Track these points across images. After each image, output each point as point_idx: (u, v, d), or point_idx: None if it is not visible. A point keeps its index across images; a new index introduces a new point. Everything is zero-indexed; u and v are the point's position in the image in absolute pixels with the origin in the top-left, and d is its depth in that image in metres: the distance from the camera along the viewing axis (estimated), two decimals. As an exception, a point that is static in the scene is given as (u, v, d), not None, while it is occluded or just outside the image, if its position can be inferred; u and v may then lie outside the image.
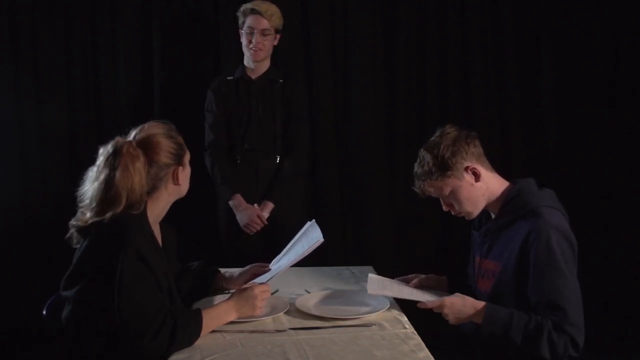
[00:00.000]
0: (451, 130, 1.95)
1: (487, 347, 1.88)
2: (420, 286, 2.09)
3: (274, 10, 3.03)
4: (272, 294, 2.09)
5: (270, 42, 3.04)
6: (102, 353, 1.69)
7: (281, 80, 3.10)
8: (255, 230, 2.99)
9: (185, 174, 1.89)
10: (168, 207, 1.91)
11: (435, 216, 3.64)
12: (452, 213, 2.00)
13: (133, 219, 1.70)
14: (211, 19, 3.46)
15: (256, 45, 2.99)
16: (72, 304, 1.71)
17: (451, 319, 1.84)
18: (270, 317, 1.88)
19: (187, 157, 1.90)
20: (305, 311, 1.92)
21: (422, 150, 1.97)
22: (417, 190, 1.99)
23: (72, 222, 1.75)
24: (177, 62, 3.46)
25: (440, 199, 2.00)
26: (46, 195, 3.42)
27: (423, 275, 2.13)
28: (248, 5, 3.03)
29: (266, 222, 2.98)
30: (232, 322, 1.80)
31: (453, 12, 3.58)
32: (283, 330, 1.79)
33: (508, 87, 3.61)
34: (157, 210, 1.85)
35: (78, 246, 1.74)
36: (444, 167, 1.91)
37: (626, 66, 3.56)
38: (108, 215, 1.69)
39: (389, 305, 1.96)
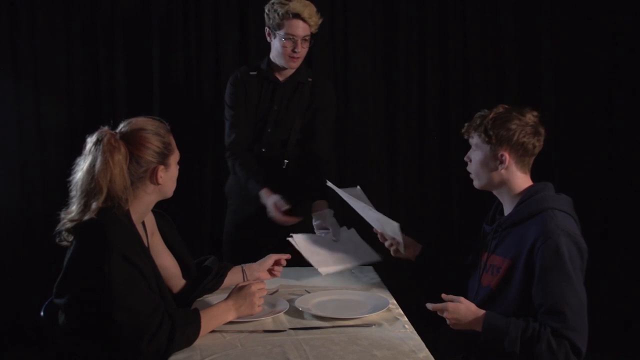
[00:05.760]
0: (531, 118, 1.94)
1: (487, 347, 1.88)
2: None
3: (314, 12, 2.69)
4: (271, 293, 2.10)
5: (307, 47, 2.74)
6: (100, 357, 1.68)
7: (310, 79, 2.82)
8: (277, 218, 2.61)
9: (169, 175, 1.83)
10: (151, 206, 1.86)
11: (435, 216, 3.65)
12: (467, 168, 2.04)
13: (115, 221, 1.68)
14: (211, 19, 3.46)
15: (298, 54, 2.68)
16: (65, 313, 1.70)
17: (451, 324, 1.85)
18: (270, 317, 1.88)
19: (173, 158, 1.85)
20: (305, 311, 1.92)
21: (501, 105, 1.98)
22: (463, 130, 2.02)
23: (62, 215, 1.73)
24: (177, 62, 3.46)
25: (471, 149, 2.04)
26: (46, 196, 3.42)
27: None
28: (289, 8, 2.63)
29: (286, 207, 2.59)
30: (231, 322, 1.80)
31: (453, 12, 3.59)
32: (283, 330, 1.79)
33: (508, 87, 3.62)
34: (139, 208, 1.81)
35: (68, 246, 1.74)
36: (490, 133, 1.93)
37: (626, 66, 3.56)
38: (93, 207, 1.67)
39: (389, 305, 1.97)
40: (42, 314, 1.87)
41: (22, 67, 3.39)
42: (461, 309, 1.83)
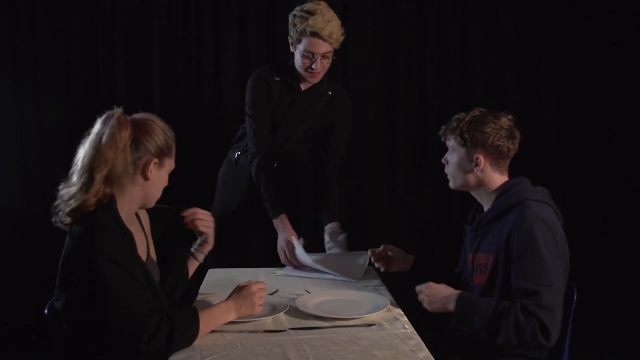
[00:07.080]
0: (506, 122, 1.97)
1: (487, 347, 1.88)
2: (384, 255, 2.35)
3: (336, 30, 2.54)
4: (271, 294, 2.10)
5: (329, 62, 2.62)
6: (102, 357, 1.68)
7: (330, 93, 2.75)
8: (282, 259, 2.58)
9: (158, 176, 1.80)
10: (134, 204, 1.81)
11: (435, 216, 3.65)
12: (445, 170, 2.10)
13: (104, 224, 1.66)
14: (211, 19, 3.46)
15: (317, 70, 2.58)
16: (65, 318, 1.68)
17: (426, 303, 1.90)
18: (270, 317, 1.88)
19: (168, 162, 1.82)
20: (305, 311, 1.92)
21: (477, 109, 2.02)
22: (440, 132, 2.09)
23: (61, 188, 1.73)
24: (177, 62, 3.46)
25: (447, 151, 2.09)
26: (46, 196, 3.41)
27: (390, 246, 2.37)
28: (307, 25, 2.49)
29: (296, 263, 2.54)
30: (232, 322, 1.80)
31: (453, 12, 3.58)
32: (283, 330, 1.79)
33: (508, 87, 3.62)
34: (124, 204, 1.77)
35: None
36: (465, 136, 1.97)
37: (626, 66, 3.56)
38: (97, 179, 1.66)
39: (389, 305, 1.97)
40: (46, 311, 1.87)
41: (22, 67, 3.39)
42: (439, 287, 1.90)
